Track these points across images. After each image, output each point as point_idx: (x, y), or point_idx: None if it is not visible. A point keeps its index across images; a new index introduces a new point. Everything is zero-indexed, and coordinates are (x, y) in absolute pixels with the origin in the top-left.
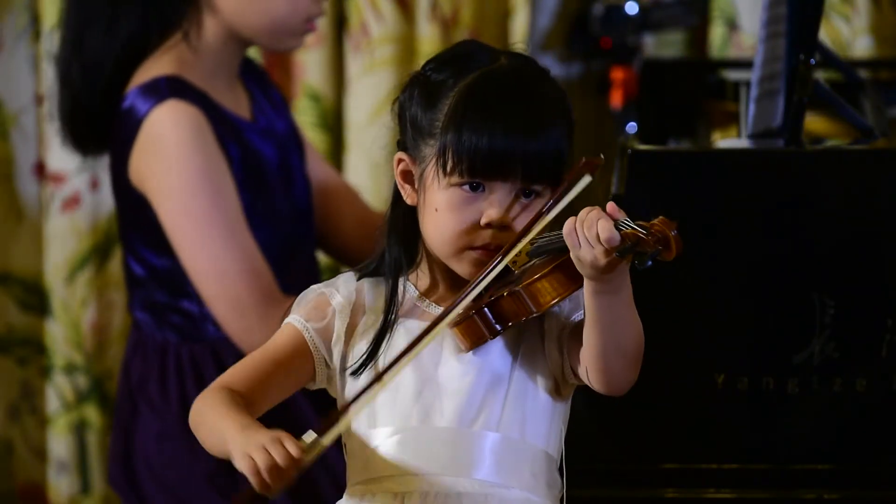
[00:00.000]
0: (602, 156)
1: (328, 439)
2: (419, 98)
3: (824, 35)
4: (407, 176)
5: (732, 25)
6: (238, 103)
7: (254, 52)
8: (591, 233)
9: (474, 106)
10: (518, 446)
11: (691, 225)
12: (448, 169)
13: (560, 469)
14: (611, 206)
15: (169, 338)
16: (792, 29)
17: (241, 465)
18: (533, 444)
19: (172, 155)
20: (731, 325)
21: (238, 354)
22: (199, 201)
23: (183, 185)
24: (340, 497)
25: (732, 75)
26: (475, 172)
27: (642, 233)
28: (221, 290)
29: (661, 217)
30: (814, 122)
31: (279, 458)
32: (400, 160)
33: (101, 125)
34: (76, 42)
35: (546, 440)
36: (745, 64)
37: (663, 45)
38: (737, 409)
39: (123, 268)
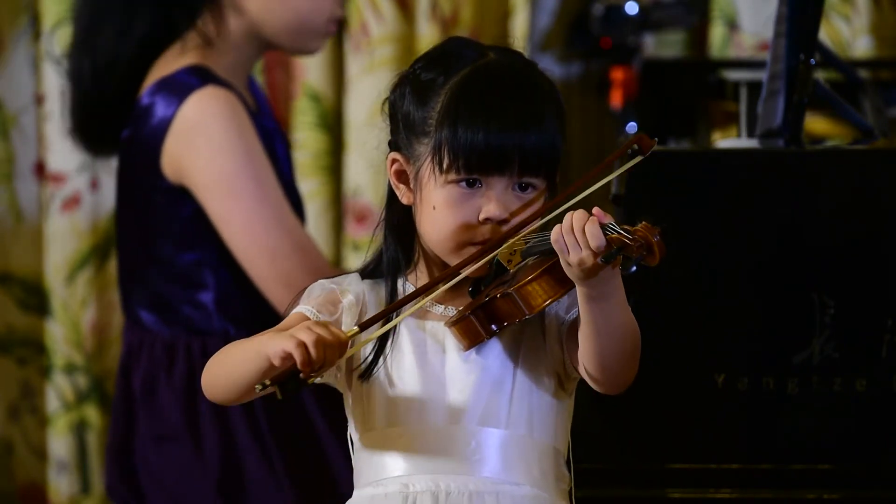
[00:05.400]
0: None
1: (368, 336)
2: (410, 97)
3: (824, 35)
4: (401, 176)
5: (732, 25)
6: (250, 102)
7: None
8: (578, 236)
9: (467, 102)
10: (525, 442)
11: (691, 225)
12: (444, 166)
13: (567, 462)
14: (597, 210)
15: (178, 333)
16: (792, 29)
17: (286, 344)
18: (540, 439)
19: (216, 141)
20: (731, 325)
21: None
22: (246, 184)
23: (230, 170)
24: (348, 498)
25: (732, 75)
26: (471, 168)
27: (627, 237)
28: (274, 271)
29: (643, 222)
30: (814, 122)
31: (326, 334)
32: (394, 160)
33: (114, 123)
34: (87, 42)
35: (553, 435)
36: (745, 64)
37: (663, 45)
38: (737, 409)
39: (120, 268)
